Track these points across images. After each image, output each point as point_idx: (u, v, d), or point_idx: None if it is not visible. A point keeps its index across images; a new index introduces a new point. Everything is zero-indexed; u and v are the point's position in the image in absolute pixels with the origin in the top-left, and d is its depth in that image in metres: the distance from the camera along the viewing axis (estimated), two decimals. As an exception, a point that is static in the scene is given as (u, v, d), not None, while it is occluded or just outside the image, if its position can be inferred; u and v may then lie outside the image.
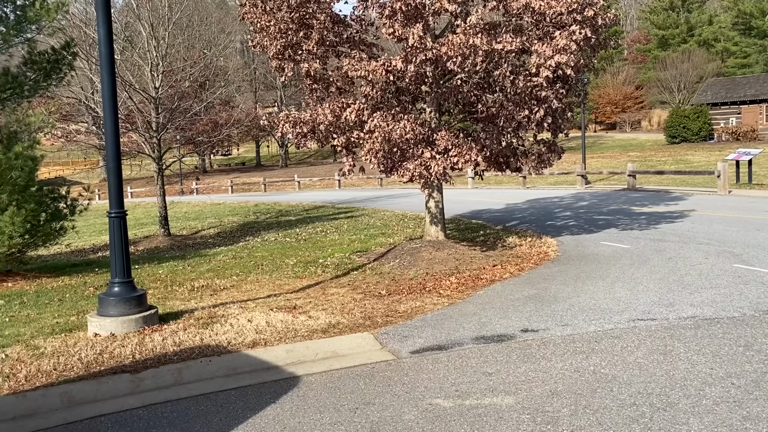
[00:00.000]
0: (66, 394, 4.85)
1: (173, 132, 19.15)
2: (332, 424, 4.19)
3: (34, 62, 11.50)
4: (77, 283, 10.11)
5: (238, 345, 5.82)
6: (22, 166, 10.42)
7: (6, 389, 4.95)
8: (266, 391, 4.83)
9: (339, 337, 6.07)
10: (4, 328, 6.88)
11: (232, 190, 37.96)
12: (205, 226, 19.07)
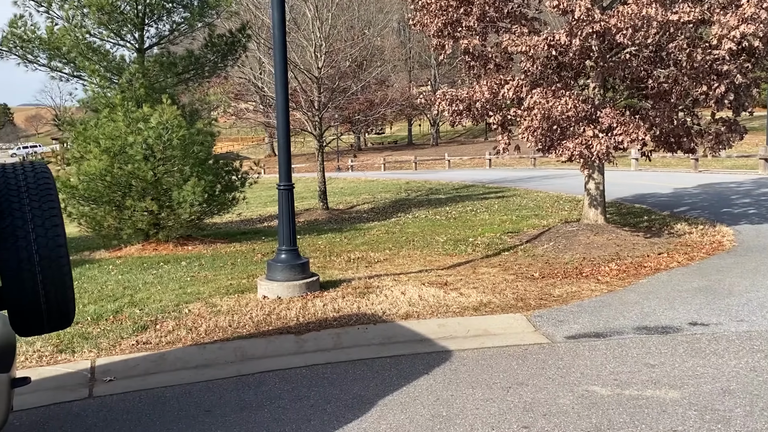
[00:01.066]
0: (239, 349, 5.32)
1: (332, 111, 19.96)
2: (485, 400, 4.21)
3: (213, 45, 12.51)
4: (247, 249, 10.97)
5: (392, 315, 6.02)
6: (203, 141, 11.43)
7: (189, 341, 5.53)
8: (419, 362, 4.96)
9: (491, 316, 6.05)
10: (187, 287, 7.66)
11: (384, 167, 38.94)
12: (359, 201, 19.77)
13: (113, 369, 4.97)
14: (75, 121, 11.85)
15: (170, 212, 11.40)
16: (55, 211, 3.05)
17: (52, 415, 4.23)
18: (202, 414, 4.16)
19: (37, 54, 11.38)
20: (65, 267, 3.03)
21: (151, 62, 11.80)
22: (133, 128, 10.73)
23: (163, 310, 6.43)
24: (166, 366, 5.03)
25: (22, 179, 3.08)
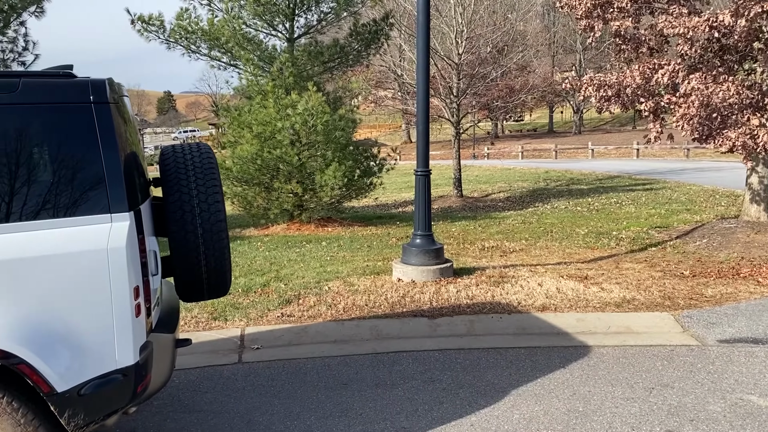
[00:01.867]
0: (374, 328, 5.49)
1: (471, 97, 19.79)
2: (625, 399, 4.02)
3: (358, 33, 12.85)
4: (382, 233, 11.23)
5: (527, 306, 5.90)
6: (344, 128, 11.82)
7: (328, 317, 5.79)
8: (555, 355, 4.83)
9: (634, 314, 5.74)
10: (327, 265, 8.00)
11: (522, 155, 38.02)
12: (494, 189, 19.49)
13: (260, 338, 5.33)
14: (230, 108, 12.73)
15: (313, 195, 11.94)
16: (216, 188, 3.31)
17: (205, 376, 4.62)
18: (340, 387, 4.35)
19: (199, 45, 12.33)
20: (224, 240, 3.29)
21: (299, 51, 12.36)
22: (282, 114, 11.33)
23: (306, 287, 6.77)
24: (307, 339, 5.31)
25: (189, 158, 3.37)
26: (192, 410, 4.03)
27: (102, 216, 2.72)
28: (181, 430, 3.77)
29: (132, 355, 2.73)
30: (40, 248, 2.60)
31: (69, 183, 2.72)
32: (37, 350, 2.51)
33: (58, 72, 2.89)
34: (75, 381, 2.60)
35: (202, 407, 4.08)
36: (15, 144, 2.70)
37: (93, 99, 2.78)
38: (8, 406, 2.51)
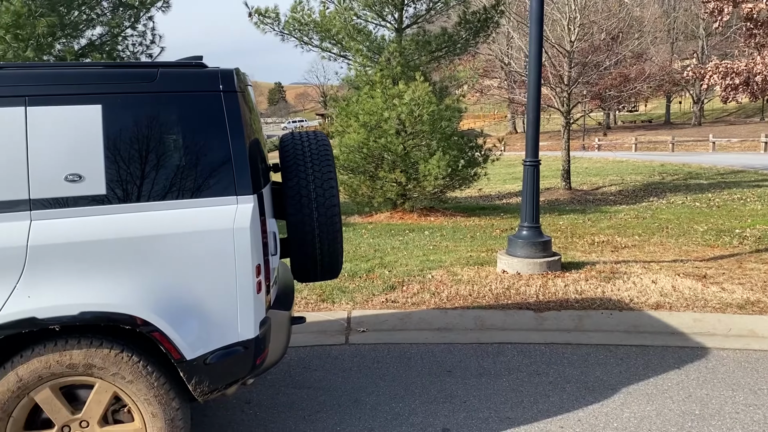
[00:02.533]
0: (478, 318, 5.48)
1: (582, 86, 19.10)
2: (747, 405, 3.79)
3: (467, 22, 12.74)
4: (485, 224, 11.13)
5: (640, 304, 5.67)
6: (450, 117, 11.79)
7: (432, 304, 5.84)
8: (669, 356, 4.62)
9: (759, 316, 5.36)
10: (430, 254, 8.05)
11: (635, 147, 36.22)
12: (605, 182, 18.75)
13: (365, 321, 5.46)
14: (339, 98, 13.05)
15: (416, 184, 12.02)
16: (331, 174, 3.43)
17: (315, 354, 4.81)
18: (444, 373, 4.39)
19: (311, 36, 12.71)
20: (338, 224, 3.41)
21: (407, 41, 12.43)
22: (389, 104, 11.46)
23: (409, 274, 6.86)
24: (410, 325, 5.38)
25: (307, 145, 3.51)
26: (302, 386, 4.22)
27: (228, 198, 2.89)
28: (293, 404, 3.96)
29: (253, 329, 2.90)
30: (174, 226, 2.81)
31: (200, 166, 2.91)
32: (169, 320, 2.72)
33: (191, 63, 3.10)
34: (202, 350, 2.80)
35: (311, 384, 4.25)
36: (154, 129, 2.92)
37: (222, 88, 2.96)
38: (143, 370, 2.74)
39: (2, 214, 2.67)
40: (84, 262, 2.69)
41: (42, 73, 2.88)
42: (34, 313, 2.61)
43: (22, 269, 2.63)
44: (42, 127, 2.75)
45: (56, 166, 2.74)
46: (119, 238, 2.73)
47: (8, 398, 2.65)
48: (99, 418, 2.77)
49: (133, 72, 2.95)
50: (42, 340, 2.69)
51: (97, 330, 2.75)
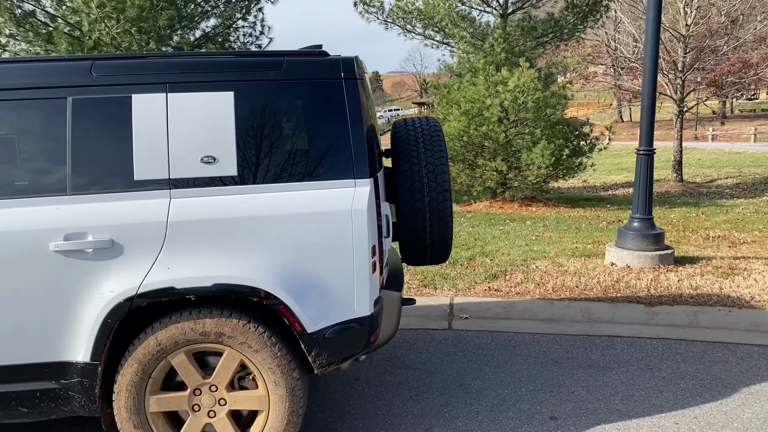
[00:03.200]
0: (585, 310, 5.36)
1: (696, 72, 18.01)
2: None
3: (574, 6, 12.35)
4: (591, 215, 10.80)
5: (763, 302, 5.34)
6: (555, 104, 11.50)
7: (536, 294, 5.77)
8: (796, 358, 4.34)
9: None
10: (532, 245, 7.93)
11: (754, 138, 33.75)
12: (720, 175, 17.66)
13: (468, 308, 5.49)
14: (440, 86, 13.03)
15: (517, 173, 11.84)
16: (443, 160, 3.48)
17: (419, 338, 4.90)
18: (551, 363, 4.35)
19: (414, 24, 12.76)
20: (448, 209, 3.45)
21: (512, 27, 12.22)
22: (491, 91, 11.34)
23: (512, 263, 6.80)
24: (514, 314, 5.35)
25: (419, 131, 3.57)
26: (408, 367, 4.31)
27: (347, 181, 3.00)
28: (399, 384, 4.06)
29: (368, 307, 3.01)
30: (297, 207, 2.96)
31: (321, 150, 3.04)
32: (293, 294, 2.88)
33: (314, 51, 3.23)
34: (321, 324, 2.94)
35: (417, 366, 4.34)
36: (280, 115, 3.08)
37: (343, 75, 3.07)
38: (268, 340, 2.91)
39: (146, 192, 2.91)
40: (217, 238, 2.88)
41: (181, 62, 3.10)
42: (172, 284, 2.83)
43: (163, 243, 2.87)
44: (181, 112, 2.97)
45: (193, 149, 2.95)
46: (248, 217, 2.91)
47: (149, 360, 2.90)
48: (227, 383, 2.97)
49: (262, 61, 3.11)
50: (178, 309, 2.92)
51: (227, 301, 2.95)
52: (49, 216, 2.86)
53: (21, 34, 11.94)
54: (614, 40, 21.11)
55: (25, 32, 11.93)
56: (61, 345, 2.88)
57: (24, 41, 12.14)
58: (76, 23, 11.77)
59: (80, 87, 2.96)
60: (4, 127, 3.08)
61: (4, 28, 11.95)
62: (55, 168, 2.91)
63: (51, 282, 2.83)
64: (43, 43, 11.98)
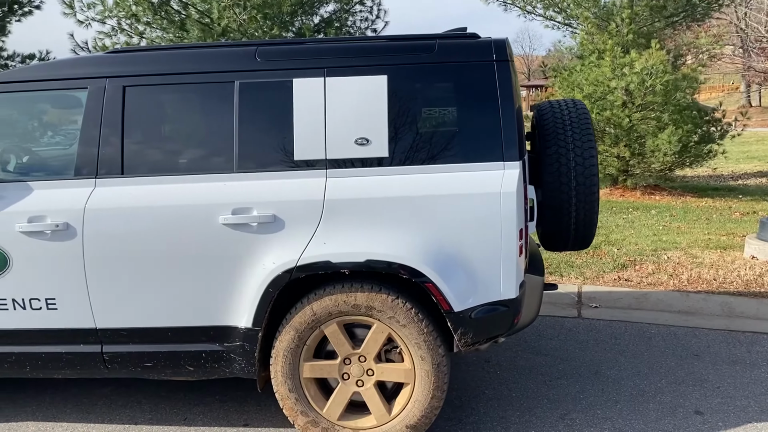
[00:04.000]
0: (726, 304, 5.09)
1: None
2: None
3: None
4: (721, 206, 10.17)
5: None
6: (686, 88, 10.86)
7: (670, 286, 5.54)
8: None
9: None
10: (661, 235, 7.60)
11: None
12: None
13: (597, 297, 5.37)
14: (560, 68, 12.65)
15: (640, 160, 11.32)
16: (591, 143, 3.41)
17: (548, 324, 4.86)
18: (690, 357, 4.19)
19: (535, 5, 12.44)
20: (595, 194, 3.39)
21: (641, 6, 11.62)
22: (617, 74, 10.87)
23: (641, 253, 6.56)
24: (647, 305, 5.18)
25: (566, 114, 3.52)
26: (539, 353, 4.30)
27: (496, 163, 3.03)
28: (532, 368, 4.06)
29: (513, 290, 3.03)
30: (446, 188, 3.02)
31: (471, 133, 3.08)
32: (441, 273, 2.95)
33: (465, 34, 3.27)
34: (468, 304, 2.99)
35: (548, 352, 4.32)
36: (431, 98, 3.16)
37: (495, 57, 3.09)
38: (415, 316, 3.01)
39: (305, 171, 3.08)
40: (369, 217, 3.00)
41: (338, 47, 3.23)
42: (328, 258, 2.99)
43: (319, 220, 3.03)
44: (337, 95, 3.10)
45: (348, 131, 3.08)
46: (399, 197, 3.01)
47: (304, 328, 3.08)
48: (374, 355, 3.10)
49: (414, 44, 3.18)
50: (332, 282, 3.08)
51: (378, 277, 3.07)
52: (218, 192, 3.09)
53: (156, 21, 12.78)
54: (746, 17, 19.58)
55: (160, 20, 12.75)
56: (226, 310, 3.12)
57: (159, 28, 12.98)
58: (205, 11, 12.42)
59: (246, 71, 3.17)
60: (178, 109, 3.35)
61: (142, 16, 12.80)
62: (224, 147, 3.13)
63: (219, 252, 3.06)
64: (176, 30, 12.74)
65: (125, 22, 12.62)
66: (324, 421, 3.14)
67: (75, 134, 3.38)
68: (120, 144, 3.16)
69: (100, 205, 3.10)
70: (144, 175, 3.15)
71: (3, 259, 3.12)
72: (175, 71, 3.22)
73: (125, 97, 3.18)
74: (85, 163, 3.17)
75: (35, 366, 3.27)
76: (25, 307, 3.17)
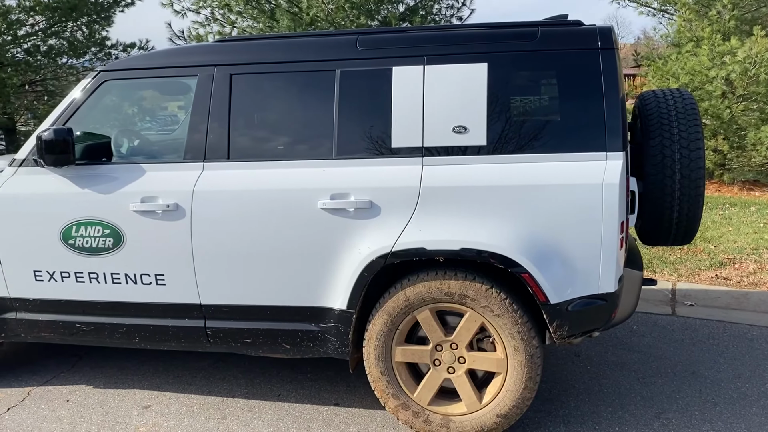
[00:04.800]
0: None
1: None
2: None
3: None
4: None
5: None
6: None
7: (774, 286, 5.26)
8: None
9: None
10: (762, 233, 7.18)
11: None
12: None
13: (692, 295, 5.15)
14: (654, 56, 12.12)
15: (740, 154, 10.73)
16: (699, 135, 3.27)
17: (640, 321, 4.71)
18: (798, 362, 3.97)
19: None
20: (701, 188, 3.25)
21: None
22: (716, 63, 10.32)
23: (740, 251, 6.24)
24: (748, 305, 4.93)
25: (672, 104, 3.39)
26: (632, 349, 4.19)
27: (598, 154, 2.95)
28: (624, 365, 3.96)
29: (613, 284, 2.96)
30: (545, 178, 2.97)
31: (572, 122, 3.02)
32: (538, 264, 2.92)
33: (569, 21, 3.20)
34: (565, 297, 2.95)
35: (640, 349, 4.20)
36: (532, 86, 3.12)
37: (600, 45, 3.01)
38: (509, 307, 3.00)
39: (401, 158, 3.11)
40: (466, 205, 3.01)
41: (438, 35, 3.24)
42: (423, 244, 3.02)
43: (415, 206, 3.06)
44: (436, 83, 3.11)
45: (446, 118, 3.09)
46: (497, 186, 2.99)
47: (397, 313, 3.13)
48: (467, 343, 3.11)
49: (516, 32, 3.14)
50: (426, 269, 3.11)
51: (472, 265, 3.07)
52: (318, 177, 3.17)
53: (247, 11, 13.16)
54: None
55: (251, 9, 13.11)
56: (321, 292, 3.21)
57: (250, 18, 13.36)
58: (295, 1, 12.67)
59: (347, 60, 3.23)
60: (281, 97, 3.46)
61: (234, 6, 13.19)
62: (324, 134, 3.21)
63: (317, 236, 3.15)
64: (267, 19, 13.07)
65: (218, 12, 13.07)
66: (414, 405, 3.19)
67: (185, 119, 3.56)
68: (226, 130, 3.30)
69: (207, 188, 3.25)
70: (248, 159, 3.27)
71: (118, 236, 3.34)
72: (278, 60, 3.33)
73: (232, 84, 3.32)
74: (193, 148, 3.33)
75: (144, 337, 3.49)
76: (137, 281, 3.38)
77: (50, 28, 11.20)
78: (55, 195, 3.42)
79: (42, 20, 11.09)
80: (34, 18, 10.93)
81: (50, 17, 10.85)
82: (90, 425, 3.39)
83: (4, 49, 10.52)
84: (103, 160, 3.48)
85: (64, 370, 4.09)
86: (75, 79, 12.09)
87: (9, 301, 3.58)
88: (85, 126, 3.57)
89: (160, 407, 3.58)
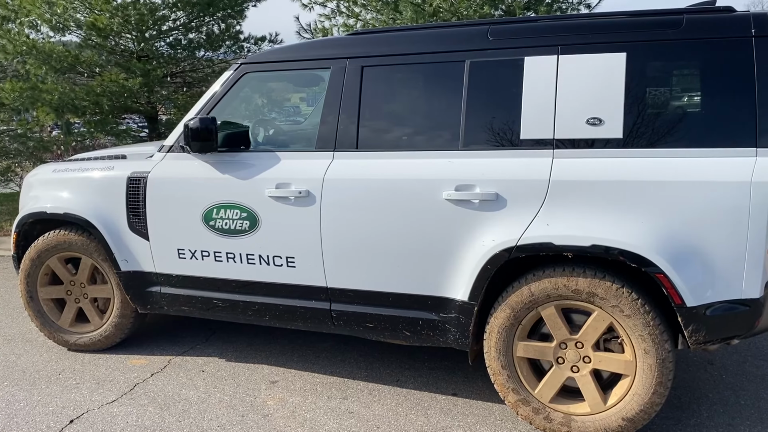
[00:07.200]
0: None
1: None
2: None
3: None
4: None
5: None
6: None
7: None
8: None
9: None
10: None
11: None
12: None
13: None
14: None
15: None
16: None
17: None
18: None
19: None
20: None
21: None
22: None
23: None
24: None
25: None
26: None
27: (746, 150, 2.75)
28: (764, 377, 3.68)
29: (758, 289, 2.76)
30: (685, 174, 2.80)
31: (718, 115, 2.83)
32: (674, 265, 2.77)
33: (717, 8, 2.99)
34: (703, 300, 2.78)
35: (784, 361, 3.88)
36: (674, 76, 2.96)
37: (754, 33, 2.79)
38: (641, 308, 2.87)
39: (530, 150, 3.06)
40: (598, 200, 2.91)
41: (574, 24, 3.14)
42: (551, 239, 2.95)
43: (543, 200, 3.00)
44: (570, 73, 3.03)
45: (579, 110, 3.00)
46: (633, 181, 2.86)
47: (520, 308, 3.09)
48: (593, 342, 3.02)
49: (658, 20, 2.98)
50: (552, 264, 3.04)
51: (602, 263, 2.97)
52: (443, 168, 3.19)
53: (371, 3, 13.38)
54: None
55: (375, 2, 13.32)
56: (444, 282, 3.23)
57: (374, 10, 13.58)
58: (416, -9, 12.69)
59: (477, 51, 3.21)
60: (409, 88, 3.50)
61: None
62: (451, 125, 3.22)
63: (441, 226, 3.18)
64: (390, 11, 13.23)
65: (343, 5, 13.40)
66: (535, 401, 3.14)
67: (316, 109, 3.70)
68: (356, 120, 3.39)
69: (337, 176, 3.37)
70: (376, 149, 3.36)
71: (254, 219, 3.54)
72: (408, 51, 3.38)
73: (363, 76, 3.40)
74: (325, 137, 3.46)
75: (273, 316, 3.68)
76: (269, 263, 3.57)
77: (190, 22, 11.98)
78: (198, 179, 3.68)
79: (183, 15, 11.89)
80: (176, 14, 11.73)
81: (190, 12, 11.61)
82: (223, 395, 3.63)
83: (150, 44, 11.40)
84: (242, 147, 3.70)
85: (200, 342, 4.41)
86: (211, 71, 12.85)
87: (155, 276, 3.91)
88: (227, 115, 3.81)
89: (286, 383, 3.77)
